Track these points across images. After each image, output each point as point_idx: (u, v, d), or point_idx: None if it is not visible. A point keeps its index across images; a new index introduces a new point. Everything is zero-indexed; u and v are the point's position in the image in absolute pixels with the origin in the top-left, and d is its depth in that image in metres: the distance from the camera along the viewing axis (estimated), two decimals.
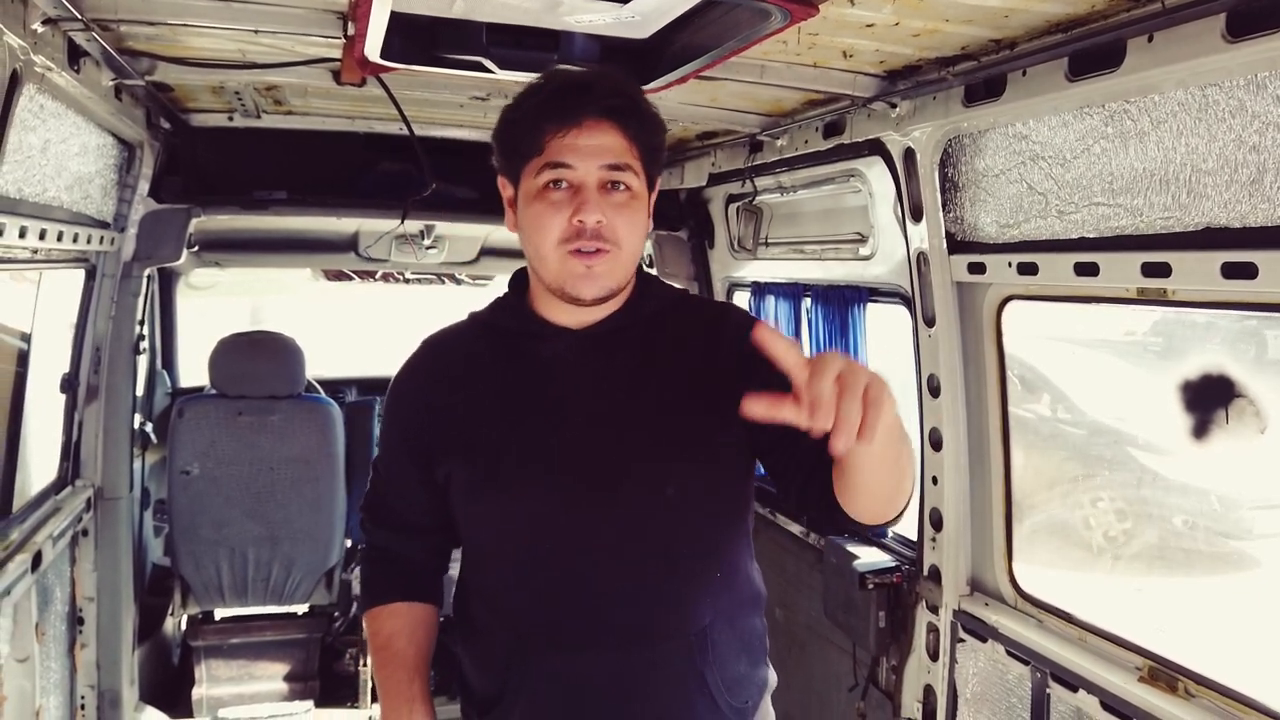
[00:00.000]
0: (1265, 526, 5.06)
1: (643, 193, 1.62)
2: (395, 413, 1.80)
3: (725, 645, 1.70)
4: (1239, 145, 1.71)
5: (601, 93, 1.57)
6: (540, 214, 1.57)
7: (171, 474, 4.04)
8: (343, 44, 2.33)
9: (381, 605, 1.83)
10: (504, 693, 1.69)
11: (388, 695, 1.78)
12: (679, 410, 1.66)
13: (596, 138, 1.55)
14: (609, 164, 1.56)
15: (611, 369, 1.67)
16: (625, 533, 1.63)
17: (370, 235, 4.42)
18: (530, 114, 1.59)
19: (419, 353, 1.82)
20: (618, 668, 1.64)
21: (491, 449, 1.66)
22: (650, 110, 1.63)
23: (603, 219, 1.55)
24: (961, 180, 2.47)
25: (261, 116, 3.30)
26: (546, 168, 1.56)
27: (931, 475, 2.71)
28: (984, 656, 2.57)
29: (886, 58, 2.32)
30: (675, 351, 1.71)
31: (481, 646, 1.76)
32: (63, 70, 2.15)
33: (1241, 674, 1.99)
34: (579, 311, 1.66)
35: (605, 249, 1.57)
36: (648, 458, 1.64)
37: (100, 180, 2.88)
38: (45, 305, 3.01)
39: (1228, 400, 3.67)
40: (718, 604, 1.69)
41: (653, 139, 1.63)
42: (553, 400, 1.66)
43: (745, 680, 1.74)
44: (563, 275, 1.59)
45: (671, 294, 1.82)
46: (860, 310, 3.11)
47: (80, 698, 3.25)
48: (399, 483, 1.80)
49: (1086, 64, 1.91)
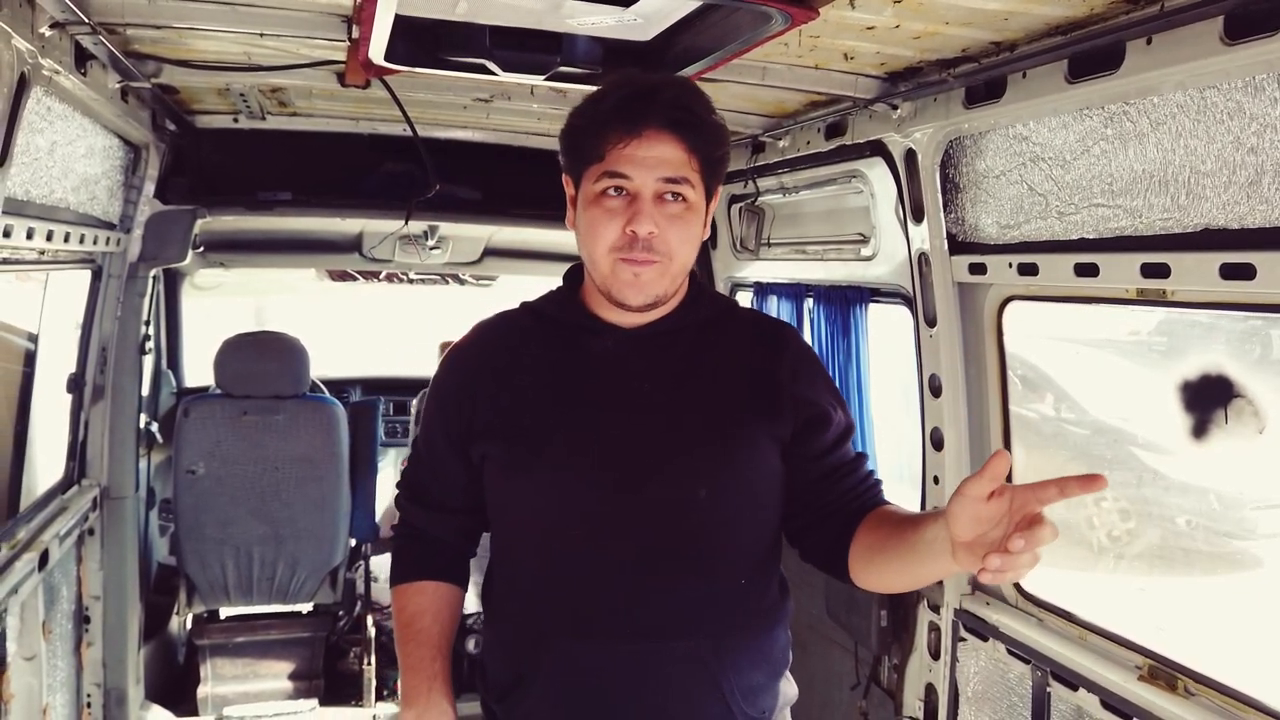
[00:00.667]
0: (1267, 526, 5.06)
1: (699, 204, 1.65)
2: (441, 392, 1.83)
3: (744, 653, 1.71)
4: (1237, 147, 1.72)
5: (664, 104, 1.59)
6: (596, 219, 1.61)
7: (177, 473, 4.06)
8: (347, 46, 2.34)
9: (410, 582, 1.85)
10: (521, 679, 1.71)
11: (409, 670, 1.79)
12: (721, 416, 1.69)
13: (656, 149, 1.58)
14: (666, 176, 1.59)
15: (658, 368, 1.70)
16: (654, 529, 1.65)
17: (374, 236, 4.44)
18: (595, 121, 1.62)
19: (470, 336, 1.86)
20: (634, 662, 1.65)
21: (532, 433, 1.68)
22: (713, 121, 1.64)
23: (655, 230, 1.58)
24: (962, 181, 2.48)
25: (266, 118, 3.32)
26: (605, 175, 1.59)
27: (933, 475, 2.72)
28: (985, 655, 2.57)
29: (887, 60, 2.33)
30: (723, 359, 1.75)
31: (503, 633, 1.78)
32: (70, 73, 2.17)
33: (1242, 673, 1.99)
34: (628, 314, 1.69)
35: (655, 259, 1.60)
36: (685, 458, 1.66)
37: (106, 181, 2.90)
38: (52, 306, 3.03)
39: (1227, 400, 3.67)
40: (739, 611, 1.71)
41: (714, 150, 1.65)
42: (597, 393, 1.69)
43: (763, 690, 1.75)
44: (612, 280, 1.63)
45: (724, 303, 1.87)
46: (862, 311, 3.12)
47: (86, 696, 3.27)
48: (437, 461, 1.82)
49: (1086, 66, 1.92)
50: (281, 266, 5.37)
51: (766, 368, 1.74)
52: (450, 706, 1.79)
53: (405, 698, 1.80)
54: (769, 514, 1.76)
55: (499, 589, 1.80)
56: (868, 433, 3.17)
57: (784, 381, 1.73)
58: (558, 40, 2.19)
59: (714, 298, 1.85)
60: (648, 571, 1.65)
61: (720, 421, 1.69)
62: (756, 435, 1.69)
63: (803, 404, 1.73)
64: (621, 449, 1.65)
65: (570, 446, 1.67)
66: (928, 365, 2.69)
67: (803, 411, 1.72)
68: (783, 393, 1.72)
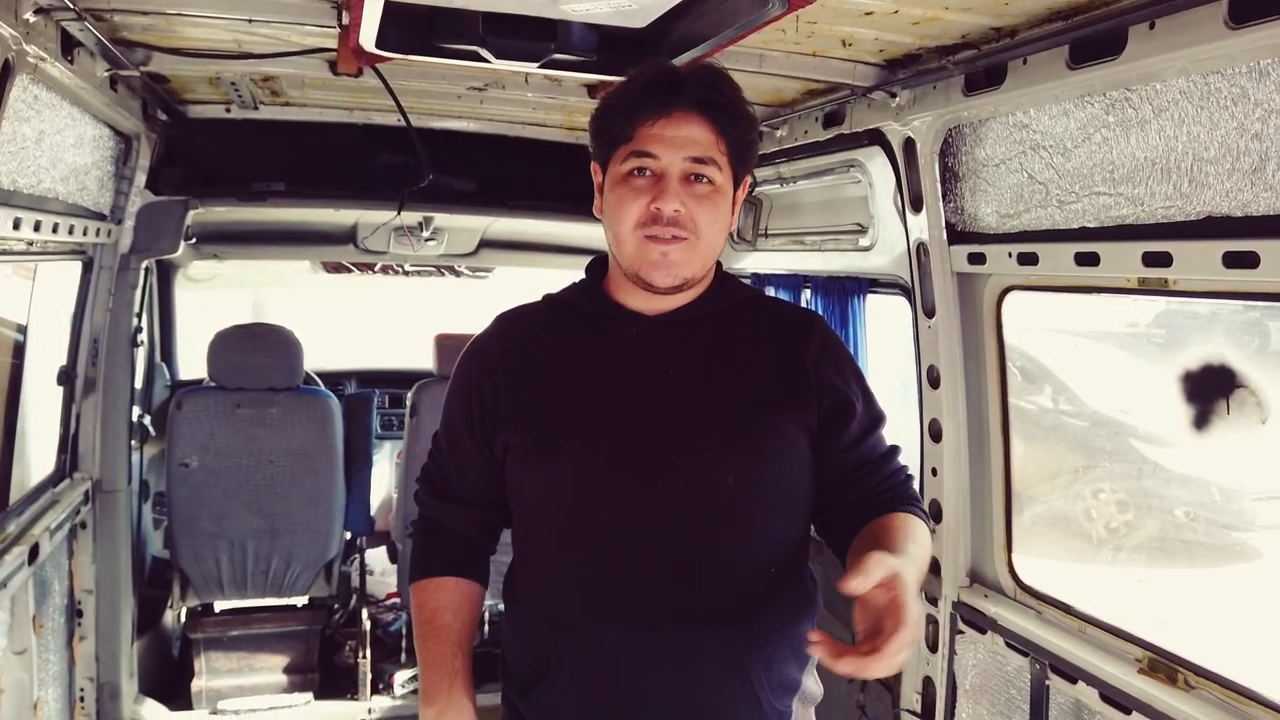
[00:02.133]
0: (1266, 518, 5.05)
1: (727, 187, 1.63)
2: (462, 383, 1.80)
3: (772, 644, 1.69)
4: (1241, 133, 1.70)
5: (694, 85, 1.58)
6: (622, 198, 1.60)
7: (170, 467, 4.04)
8: (338, 34, 2.31)
9: (430, 579, 1.81)
10: (545, 671, 1.68)
11: (430, 668, 1.76)
12: (748, 403, 1.67)
13: (684, 129, 1.58)
14: (693, 156, 1.58)
15: (683, 356, 1.68)
16: (680, 516, 1.62)
17: (369, 227, 4.42)
18: (624, 103, 1.61)
19: (492, 327, 1.83)
20: (662, 652, 1.62)
21: (556, 421, 1.67)
22: (744, 107, 1.63)
23: (681, 208, 1.57)
24: (962, 170, 2.45)
25: (259, 108, 3.29)
26: (632, 155, 1.59)
27: (931, 467, 2.70)
28: (983, 648, 2.56)
29: (886, 46, 2.30)
30: (750, 347, 1.72)
31: (526, 625, 1.75)
32: (56, 61, 2.14)
33: (1242, 666, 1.98)
34: (654, 299, 1.67)
35: (682, 235, 1.59)
36: (711, 445, 1.64)
37: (97, 172, 2.87)
38: (42, 297, 3.00)
39: (1229, 391, 3.65)
40: (769, 601, 1.68)
41: (744, 135, 1.64)
42: (621, 381, 1.67)
43: (790, 685, 1.73)
44: (638, 260, 1.61)
45: (749, 292, 1.84)
46: (860, 301, 3.10)
47: (79, 690, 3.25)
48: (458, 454, 1.79)
49: (1087, 52, 1.90)
50: (275, 258, 5.32)
51: (793, 354, 1.72)
52: (471, 704, 1.75)
53: (425, 695, 1.76)
54: (799, 503, 1.73)
55: (522, 581, 1.77)
56: None
57: (810, 368, 1.70)
58: (552, 27, 2.16)
59: (738, 286, 1.82)
60: (675, 561, 1.62)
61: (746, 408, 1.66)
62: (784, 422, 1.67)
63: (827, 390, 1.70)
64: (646, 437, 1.63)
65: (594, 435, 1.65)
66: (926, 356, 2.67)
67: (827, 398, 1.70)
68: (809, 379, 1.69)
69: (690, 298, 1.70)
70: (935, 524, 2.70)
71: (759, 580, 1.67)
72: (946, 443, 2.64)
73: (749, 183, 1.73)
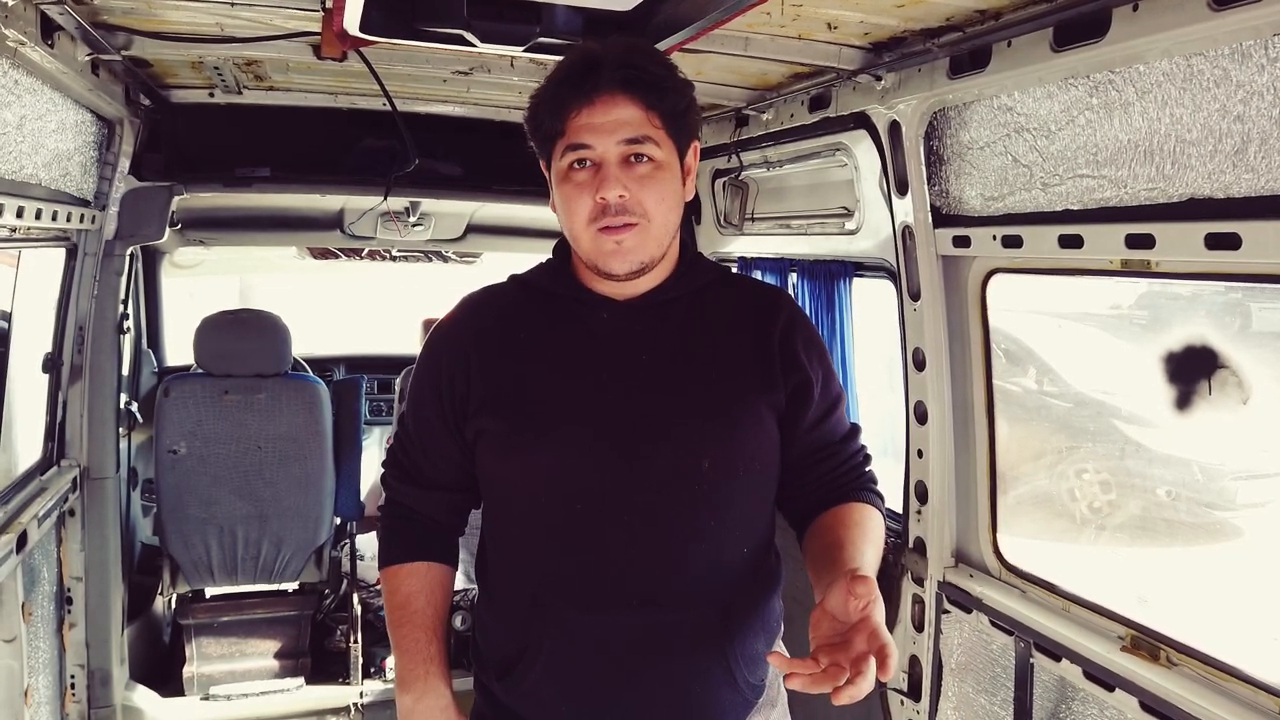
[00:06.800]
0: (1247, 496, 5.11)
1: (670, 161, 1.62)
2: (430, 367, 1.79)
3: (747, 621, 1.71)
4: (1223, 115, 1.71)
5: (614, 65, 1.56)
6: (568, 196, 1.60)
7: (158, 453, 4.03)
8: (321, 17, 2.30)
9: (400, 564, 1.82)
10: (523, 654, 1.69)
11: (404, 654, 1.77)
12: (720, 385, 1.68)
13: (612, 113, 1.56)
14: (627, 138, 1.57)
15: (654, 339, 1.69)
16: (658, 500, 1.64)
17: (355, 212, 4.40)
18: (549, 97, 1.60)
19: (458, 310, 1.83)
20: (638, 632, 1.64)
21: (529, 405, 1.67)
22: (669, 75, 1.61)
23: (625, 193, 1.56)
24: (947, 153, 2.46)
25: (243, 92, 3.26)
26: (569, 149, 1.58)
27: (917, 449, 2.72)
28: (968, 627, 2.59)
29: (871, 29, 2.30)
30: (720, 328, 1.73)
31: (501, 609, 1.76)
32: (36, 45, 2.12)
33: (1222, 642, 2.01)
34: (620, 285, 1.68)
35: (633, 222, 1.58)
36: (685, 427, 1.65)
37: (80, 157, 2.84)
38: (26, 284, 2.98)
39: (1210, 372, 3.68)
40: (743, 579, 1.71)
41: (675, 103, 1.61)
42: (595, 366, 1.67)
43: (762, 658, 1.75)
44: (595, 253, 1.61)
45: (717, 271, 1.84)
46: (846, 285, 3.10)
47: (70, 677, 3.25)
48: (428, 438, 1.79)
49: (1071, 34, 1.90)
50: (261, 244, 5.30)
51: (761, 335, 1.73)
52: (448, 689, 1.77)
53: (401, 681, 1.78)
54: (770, 483, 1.76)
55: (497, 566, 1.78)
56: (852, 407, 3.17)
57: (776, 349, 1.72)
58: (537, 10, 2.14)
59: (708, 266, 1.83)
60: (653, 543, 1.64)
61: (720, 391, 1.68)
62: (756, 403, 1.69)
63: (793, 370, 1.72)
64: (623, 422, 1.64)
65: (571, 420, 1.65)
66: (911, 339, 2.68)
67: (793, 378, 1.72)
68: (775, 360, 1.71)
69: (658, 279, 1.71)
70: (921, 505, 2.72)
71: (734, 559, 1.70)
72: (932, 424, 2.66)
73: (698, 147, 1.71)
